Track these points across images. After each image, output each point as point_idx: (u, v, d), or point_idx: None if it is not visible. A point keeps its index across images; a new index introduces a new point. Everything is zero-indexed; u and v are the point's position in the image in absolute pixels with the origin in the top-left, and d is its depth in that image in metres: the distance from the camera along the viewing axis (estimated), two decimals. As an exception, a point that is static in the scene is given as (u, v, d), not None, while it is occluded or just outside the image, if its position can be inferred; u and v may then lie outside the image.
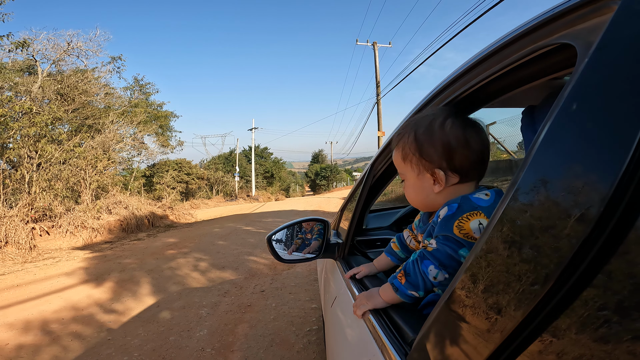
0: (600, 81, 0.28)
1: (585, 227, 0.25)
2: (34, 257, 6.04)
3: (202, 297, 3.55)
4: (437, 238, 0.60)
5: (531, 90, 0.60)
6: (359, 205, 1.17)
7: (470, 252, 0.38)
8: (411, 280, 0.61)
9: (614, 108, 0.26)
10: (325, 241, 1.21)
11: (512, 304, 0.30)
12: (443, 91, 0.70)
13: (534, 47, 0.43)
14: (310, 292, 3.60)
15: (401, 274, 0.63)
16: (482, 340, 0.34)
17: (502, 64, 0.50)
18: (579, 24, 0.35)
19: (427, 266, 0.59)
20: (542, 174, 0.31)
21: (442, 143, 0.64)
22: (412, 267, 0.62)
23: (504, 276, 0.32)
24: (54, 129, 8.94)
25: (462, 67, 0.62)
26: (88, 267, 5.13)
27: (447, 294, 0.41)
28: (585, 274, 0.25)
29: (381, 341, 0.59)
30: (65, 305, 3.49)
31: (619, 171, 0.24)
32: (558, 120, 0.31)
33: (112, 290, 3.95)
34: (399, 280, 0.63)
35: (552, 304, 0.27)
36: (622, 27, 0.28)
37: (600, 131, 0.27)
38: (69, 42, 10.26)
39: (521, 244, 0.31)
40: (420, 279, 0.60)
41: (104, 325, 2.98)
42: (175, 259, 5.33)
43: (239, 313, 3.12)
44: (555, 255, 0.27)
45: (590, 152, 0.27)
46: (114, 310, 3.33)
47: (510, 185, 0.34)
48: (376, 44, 16.07)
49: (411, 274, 0.61)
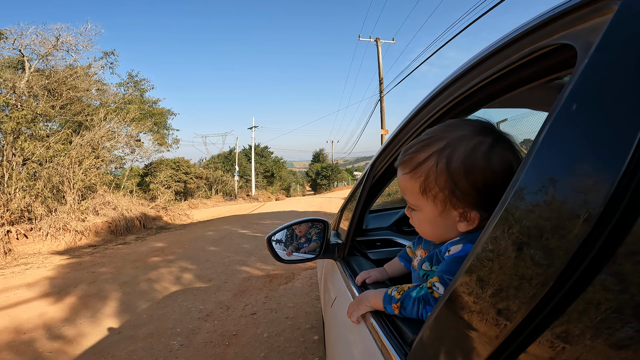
0: (600, 81, 0.28)
1: (585, 227, 0.25)
2: (8, 262, 5.64)
3: (178, 321, 2.89)
4: (443, 280, 0.56)
5: (530, 91, 0.58)
6: (359, 206, 1.16)
7: (470, 253, 0.38)
8: (405, 313, 0.60)
9: (614, 108, 0.26)
10: (325, 241, 1.20)
11: (512, 305, 0.30)
12: (443, 91, 0.68)
13: (534, 48, 0.43)
14: (312, 315, 2.95)
15: (397, 305, 0.60)
16: (482, 340, 0.34)
17: (502, 64, 0.50)
18: (578, 24, 0.35)
19: (429, 311, 0.56)
20: (543, 174, 0.31)
21: (486, 180, 0.52)
22: (412, 305, 0.58)
23: (504, 277, 0.32)
24: (36, 125, 8.46)
25: (462, 68, 0.61)
26: (56, 276, 4.59)
27: (447, 294, 0.41)
28: (586, 274, 0.25)
29: (381, 342, 0.59)
30: (8, 326, 2.94)
31: (619, 171, 0.24)
32: (558, 120, 0.31)
33: (71, 308, 3.37)
34: (393, 310, 0.61)
35: (552, 304, 0.27)
36: (622, 27, 0.28)
37: (600, 131, 0.27)
38: (57, 37, 9.87)
39: (521, 245, 0.31)
40: (415, 315, 0.58)
41: (38, 358, 2.39)
42: (158, 268, 4.78)
43: (221, 346, 2.47)
44: (555, 256, 0.27)
45: (590, 152, 0.27)
46: (61, 337, 2.74)
47: (510, 185, 0.34)
48: (379, 40, 15.70)
49: (408, 309, 0.59)
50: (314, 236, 1.25)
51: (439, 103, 0.70)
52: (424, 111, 0.76)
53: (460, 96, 0.64)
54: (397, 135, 0.90)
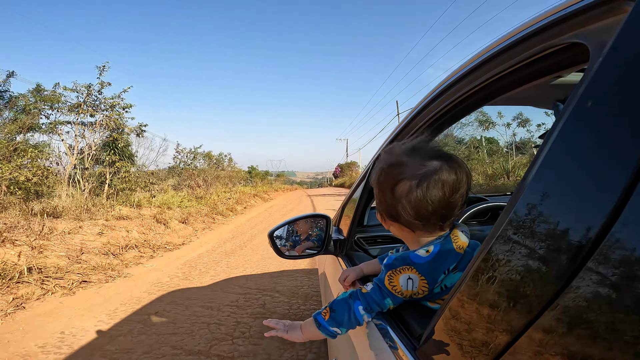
0: (616, 79, 0.28)
1: (600, 224, 0.25)
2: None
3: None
4: (373, 283, 0.64)
5: (531, 88, 0.59)
6: (361, 202, 1.17)
7: (480, 250, 0.38)
8: (335, 317, 0.64)
9: (631, 106, 0.27)
10: (327, 237, 1.20)
11: (519, 304, 0.31)
12: (451, 87, 0.69)
13: (545, 46, 0.43)
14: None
15: (326, 311, 0.66)
16: (490, 335, 0.34)
17: (511, 62, 0.50)
18: (591, 23, 0.36)
19: (357, 306, 0.63)
20: (557, 171, 0.31)
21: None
22: (340, 304, 0.65)
23: (513, 276, 0.32)
24: None
25: (469, 65, 0.61)
26: None
27: (456, 289, 0.42)
28: (596, 273, 0.25)
29: (389, 337, 0.60)
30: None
31: (635, 170, 0.24)
32: (572, 117, 0.31)
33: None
34: (323, 316, 0.66)
35: (561, 305, 0.27)
36: (637, 27, 0.28)
37: (616, 128, 0.27)
38: None
39: (532, 241, 0.31)
40: (347, 316, 0.63)
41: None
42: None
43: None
44: (566, 254, 0.27)
45: (605, 149, 0.28)
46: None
47: (522, 180, 0.34)
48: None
49: (337, 310, 0.64)
50: (316, 232, 1.25)
51: (445, 99, 0.71)
52: (430, 107, 0.76)
53: (466, 93, 0.64)
54: (401, 131, 0.90)
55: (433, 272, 0.59)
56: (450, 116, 0.76)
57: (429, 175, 0.56)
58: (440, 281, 0.60)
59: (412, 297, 0.61)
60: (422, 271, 0.59)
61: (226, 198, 11.26)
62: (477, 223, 1.53)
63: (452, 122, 0.80)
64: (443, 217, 0.59)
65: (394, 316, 0.64)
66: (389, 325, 0.61)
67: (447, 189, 0.56)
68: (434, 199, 0.56)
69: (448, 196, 0.57)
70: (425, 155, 0.59)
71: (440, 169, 0.57)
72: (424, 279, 0.59)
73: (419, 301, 0.64)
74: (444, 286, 0.61)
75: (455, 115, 0.75)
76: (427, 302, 0.64)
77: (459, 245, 0.60)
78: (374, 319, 0.66)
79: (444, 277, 0.60)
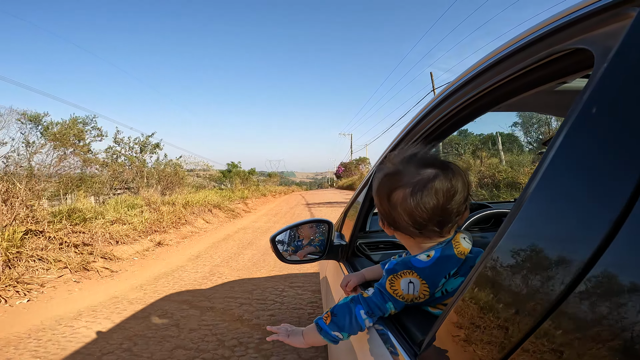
0: (621, 85, 0.29)
1: (605, 232, 0.25)
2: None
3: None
4: (375, 287, 0.65)
5: (536, 94, 0.60)
6: (363, 207, 1.17)
7: (482, 257, 0.38)
8: (337, 321, 0.64)
9: (635, 112, 0.26)
10: (329, 242, 1.20)
11: (522, 311, 0.31)
12: (457, 92, 0.68)
13: (550, 51, 0.43)
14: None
15: (327, 315, 0.66)
16: (492, 342, 0.34)
17: (515, 67, 0.50)
18: (596, 29, 0.36)
19: (359, 310, 0.63)
20: (561, 176, 0.31)
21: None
22: (341, 308, 0.65)
23: (515, 284, 0.32)
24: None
25: (474, 71, 0.62)
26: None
27: (458, 295, 0.41)
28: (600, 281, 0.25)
29: (390, 343, 0.59)
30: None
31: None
32: (577, 123, 0.31)
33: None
34: (324, 320, 0.66)
35: (564, 312, 0.27)
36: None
37: (621, 135, 0.27)
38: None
39: (535, 249, 0.31)
40: (348, 320, 0.63)
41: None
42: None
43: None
44: (570, 261, 0.27)
45: (610, 156, 0.27)
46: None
47: (525, 187, 0.34)
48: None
49: (338, 315, 0.64)
50: (318, 237, 1.25)
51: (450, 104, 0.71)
52: (434, 113, 0.76)
53: (471, 99, 0.64)
54: (404, 137, 0.90)
55: (434, 277, 0.59)
56: (454, 121, 0.76)
57: (422, 183, 0.58)
58: (441, 285, 0.60)
59: (414, 301, 0.61)
60: (423, 275, 0.59)
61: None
62: (480, 230, 1.52)
63: (457, 127, 0.80)
64: (440, 224, 0.60)
65: (395, 322, 0.63)
66: (390, 331, 0.61)
67: (440, 197, 0.58)
68: (427, 206, 0.58)
69: (443, 203, 0.58)
70: (421, 164, 0.61)
71: (434, 177, 0.58)
72: (425, 283, 0.59)
73: (420, 306, 0.64)
74: (445, 290, 0.61)
75: (460, 120, 0.75)
76: (428, 308, 0.64)
77: (460, 251, 0.61)
78: (375, 325, 0.66)
79: (445, 282, 0.60)
